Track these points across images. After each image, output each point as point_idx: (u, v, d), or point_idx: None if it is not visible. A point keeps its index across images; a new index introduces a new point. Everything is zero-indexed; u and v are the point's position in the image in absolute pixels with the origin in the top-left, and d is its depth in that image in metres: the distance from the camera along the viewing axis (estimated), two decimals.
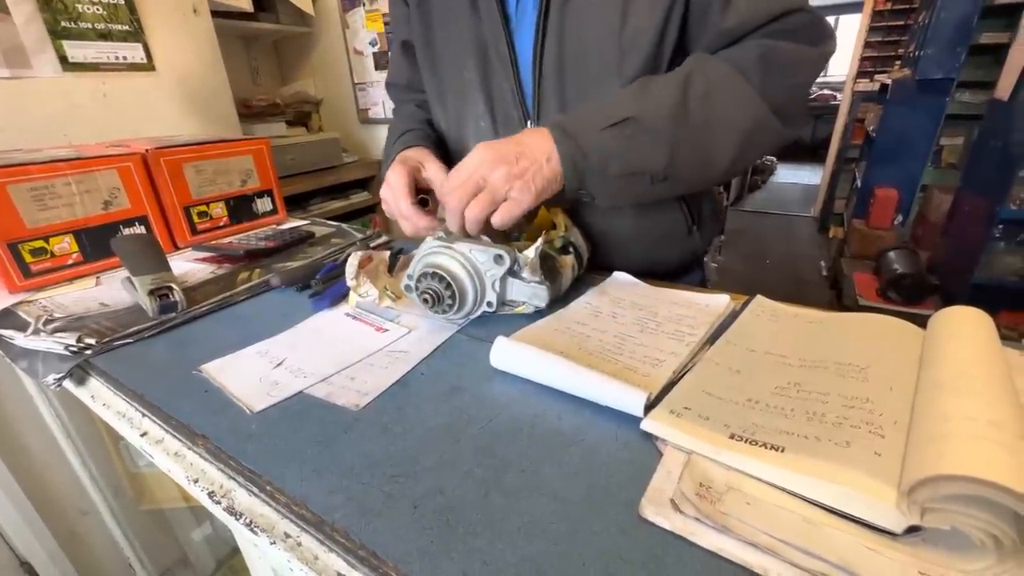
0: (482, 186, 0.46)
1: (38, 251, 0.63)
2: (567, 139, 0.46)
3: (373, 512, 0.28)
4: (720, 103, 0.48)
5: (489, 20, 0.57)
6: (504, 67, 0.58)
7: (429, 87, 0.68)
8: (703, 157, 0.49)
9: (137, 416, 0.41)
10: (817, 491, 0.26)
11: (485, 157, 0.46)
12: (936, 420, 0.25)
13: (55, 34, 0.97)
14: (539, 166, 0.46)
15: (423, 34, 0.64)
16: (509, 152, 0.46)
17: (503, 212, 0.46)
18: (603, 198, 0.50)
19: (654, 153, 0.47)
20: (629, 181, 0.48)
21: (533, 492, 0.29)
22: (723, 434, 0.30)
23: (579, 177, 0.47)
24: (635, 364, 0.39)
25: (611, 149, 0.47)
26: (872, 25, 3.48)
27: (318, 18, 1.96)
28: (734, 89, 0.48)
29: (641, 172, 0.48)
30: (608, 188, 0.49)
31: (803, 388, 0.34)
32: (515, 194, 0.45)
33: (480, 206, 0.46)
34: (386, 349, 0.45)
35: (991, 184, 1.72)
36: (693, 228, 0.65)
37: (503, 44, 0.57)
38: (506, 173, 0.45)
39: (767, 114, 0.48)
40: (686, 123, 0.47)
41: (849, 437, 0.28)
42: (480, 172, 0.46)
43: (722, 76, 0.48)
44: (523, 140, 0.47)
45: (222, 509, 0.32)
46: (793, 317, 0.45)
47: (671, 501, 0.27)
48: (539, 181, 0.46)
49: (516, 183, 0.45)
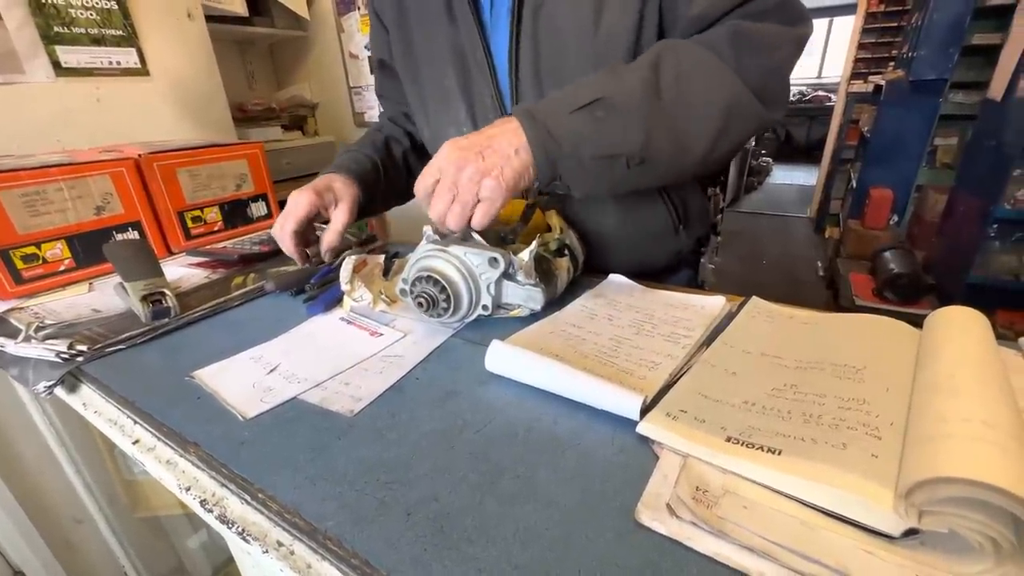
0: (455, 191, 0.44)
1: (30, 257, 0.63)
2: (536, 125, 0.44)
3: (366, 520, 0.27)
4: (694, 80, 0.46)
5: (465, 28, 0.57)
6: (482, 73, 0.59)
7: (411, 97, 0.69)
8: (680, 137, 0.47)
9: (129, 423, 0.40)
10: (814, 494, 0.25)
11: (450, 157, 0.44)
12: (932, 421, 0.25)
13: (48, 39, 0.97)
14: (507, 158, 0.44)
15: (404, 47, 0.65)
16: (475, 148, 0.44)
17: (479, 216, 0.44)
18: (578, 187, 0.48)
19: (628, 133, 0.45)
20: (604, 166, 0.46)
21: (528, 498, 0.28)
22: (719, 437, 0.30)
23: (551, 164, 0.45)
24: (631, 367, 0.39)
25: (582, 132, 0.44)
26: (865, 27, 3.51)
27: (313, 22, 1.96)
28: (707, 66, 0.46)
29: (616, 155, 0.45)
30: (583, 175, 0.47)
31: (799, 390, 0.33)
32: (486, 193, 0.43)
33: (456, 217, 0.44)
34: (381, 354, 0.45)
35: (986, 184, 1.73)
36: (680, 227, 0.65)
37: (480, 51, 0.58)
38: (473, 171, 0.43)
39: (745, 92, 0.46)
40: (659, 102, 0.45)
41: (846, 439, 0.28)
42: (448, 174, 0.44)
43: (694, 55, 0.47)
44: (491, 133, 0.45)
45: (214, 517, 0.32)
46: (789, 318, 0.45)
47: (667, 506, 0.26)
48: (509, 174, 0.44)
49: (485, 181, 0.43)
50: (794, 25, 0.48)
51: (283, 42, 2.04)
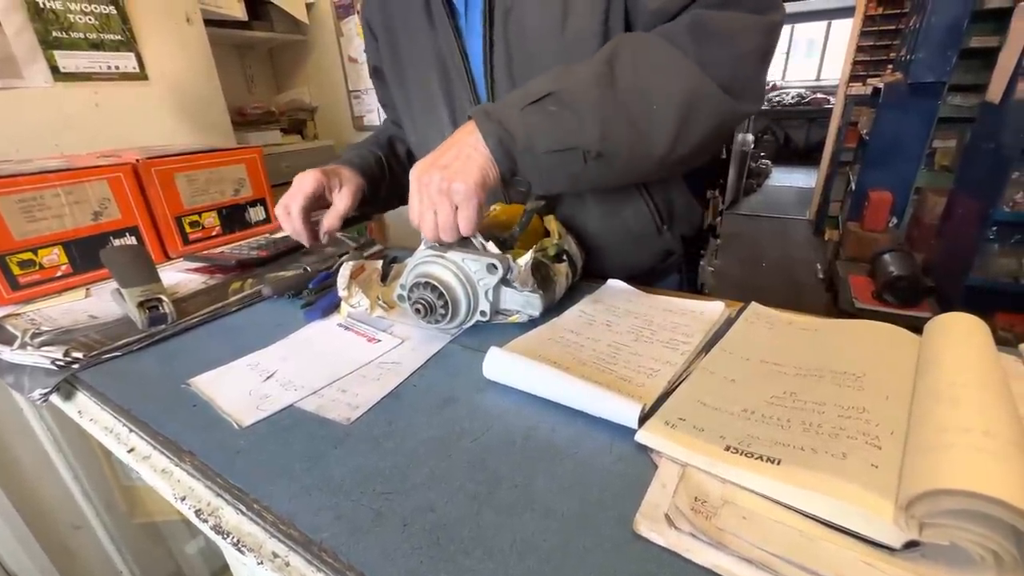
0: (432, 206, 0.45)
1: (26, 263, 0.63)
2: (489, 122, 0.45)
3: (362, 531, 0.27)
4: (650, 71, 0.45)
5: (443, 33, 0.58)
6: (460, 78, 0.59)
7: (400, 104, 0.70)
8: (638, 129, 0.45)
9: (124, 431, 0.40)
10: (814, 504, 0.25)
11: (420, 178, 0.45)
12: (932, 431, 0.25)
13: (46, 44, 0.97)
14: (467, 158, 0.45)
15: (392, 56, 0.66)
16: (435, 160, 0.45)
17: (462, 222, 0.45)
18: (538, 182, 0.48)
19: (581, 126, 0.44)
20: (561, 160, 0.45)
21: (526, 508, 0.28)
22: (719, 446, 0.30)
23: (508, 157, 0.45)
24: (629, 374, 0.39)
25: (535, 126, 0.44)
26: (864, 29, 3.52)
27: (312, 26, 1.96)
28: (663, 56, 0.45)
29: (570, 147, 0.45)
30: (540, 169, 0.46)
31: (799, 397, 0.33)
32: (459, 198, 0.44)
33: (445, 229, 0.45)
34: (378, 360, 0.45)
35: (984, 186, 1.73)
36: (663, 227, 0.64)
37: (457, 56, 0.58)
38: (440, 181, 0.44)
39: (706, 83, 0.45)
40: (613, 94, 0.44)
41: (846, 448, 0.28)
42: (423, 194, 0.45)
43: (650, 46, 0.46)
44: (450, 141, 0.47)
45: (209, 528, 0.32)
46: (788, 324, 0.44)
47: (666, 516, 0.26)
48: (473, 172, 0.44)
49: (453, 185, 0.44)
50: (762, 13, 0.46)
51: (282, 46, 2.04)
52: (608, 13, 0.50)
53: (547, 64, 0.50)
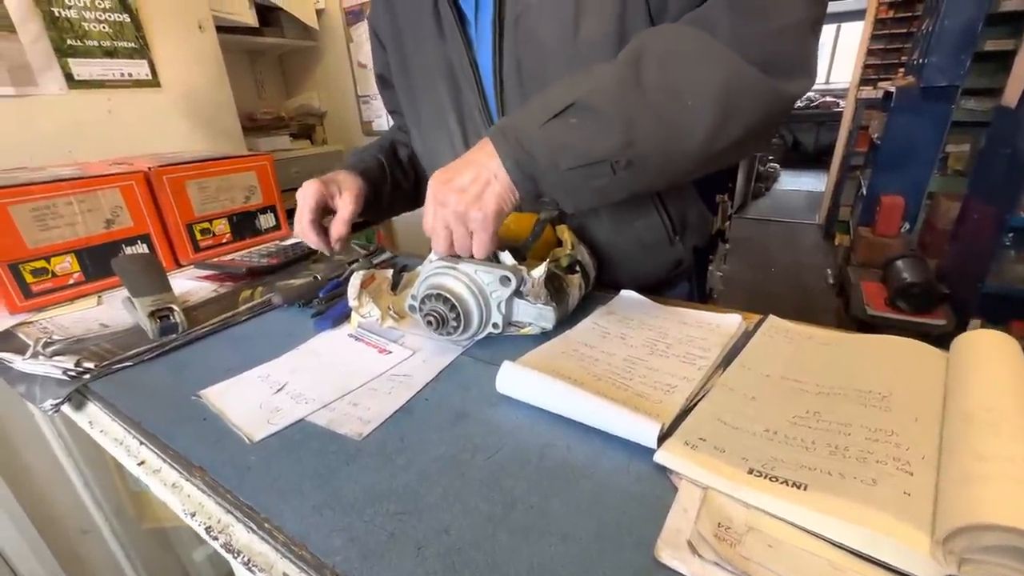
0: (448, 226, 0.45)
1: (39, 271, 0.63)
2: (507, 143, 0.43)
3: (376, 554, 0.27)
4: (679, 65, 0.41)
5: (453, 42, 0.57)
6: (470, 87, 0.59)
7: (407, 113, 0.69)
8: (671, 130, 0.42)
9: (135, 444, 0.40)
10: (843, 534, 0.24)
11: (437, 195, 0.45)
12: (970, 459, 0.24)
13: (61, 52, 0.98)
14: (487, 185, 0.43)
15: (400, 63, 0.65)
16: (454, 182, 0.44)
17: (476, 248, 0.45)
18: (566, 201, 0.45)
19: (606, 135, 0.41)
20: (587, 175, 0.42)
21: (542, 531, 0.27)
22: (741, 468, 0.29)
23: (530, 180, 0.43)
24: (646, 390, 0.38)
25: (557, 142, 0.41)
26: (875, 33, 3.49)
27: (322, 32, 1.97)
28: (692, 47, 0.42)
29: (597, 160, 0.42)
30: (567, 188, 0.44)
31: (823, 418, 0.32)
32: (475, 226, 0.44)
33: (460, 248, 0.46)
34: (389, 373, 0.44)
35: (1000, 192, 1.70)
36: (675, 238, 0.63)
37: (466, 64, 0.57)
38: (457, 205, 0.43)
39: (745, 68, 0.41)
40: (641, 95, 0.41)
41: (875, 474, 0.27)
42: (439, 213, 0.45)
43: (678, 36, 0.43)
44: (469, 161, 0.45)
45: (220, 545, 0.31)
46: (808, 339, 0.43)
47: (688, 543, 0.25)
48: (491, 202, 0.43)
49: (470, 213, 0.43)
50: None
51: (292, 52, 2.05)
52: (624, 18, 0.48)
53: (559, 72, 0.49)
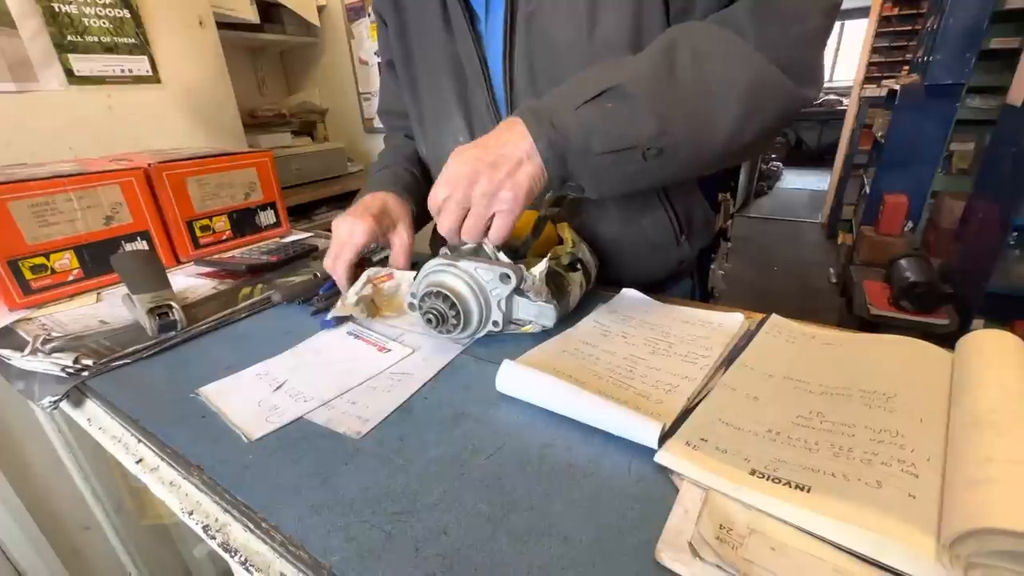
0: (466, 205, 0.43)
1: (38, 268, 0.63)
2: (540, 124, 0.42)
3: (373, 555, 0.26)
4: (711, 62, 0.42)
5: (461, 39, 0.57)
6: (479, 83, 0.58)
7: (410, 108, 0.68)
8: (700, 122, 0.43)
9: (132, 442, 0.40)
10: (848, 537, 0.24)
11: (461, 169, 0.43)
12: (976, 461, 0.23)
13: (61, 48, 0.97)
14: (519, 165, 0.42)
15: (403, 57, 0.64)
16: (484, 159, 0.42)
17: (496, 230, 0.44)
18: (592, 186, 0.45)
19: (641, 120, 0.41)
20: (618, 160, 0.42)
21: (543, 533, 0.27)
22: (743, 469, 0.28)
23: (561, 161, 0.43)
24: (647, 390, 0.38)
25: (592, 125, 0.42)
26: (879, 31, 3.47)
27: (323, 28, 1.97)
28: (726, 46, 0.43)
29: (630, 146, 0.42)
30: (596, 172, 0.44)
31: (826, 418, 0.32)
32: (503, 206, 0.43)
33: (472, 232, 0.44)
34: (389, 371, 0.44)
35: (1005, 190, 1.69)
36: (681, 237, 0.63)
37: (475, 61, 0.57)
38: (486, 185, 0.42)
39: (770, 69, 0.43)
40: (674, 85, 0.42)
41: (880, 476, 0.26)
42: (460, 188, 0.43)
43: (710, 34, 0.44)
44: (499, 139, 0.43)
45: (217, 544, 0.31)
46: (811, 339, 0.43)
47: (689, 545, 0.25)
48: (523, 182, 0.42)
49: (500, 193, 0.42)
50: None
51: (294, 48, 2.05)
52: (639, 17, 0.49)
53: (572, 71, 0.48)
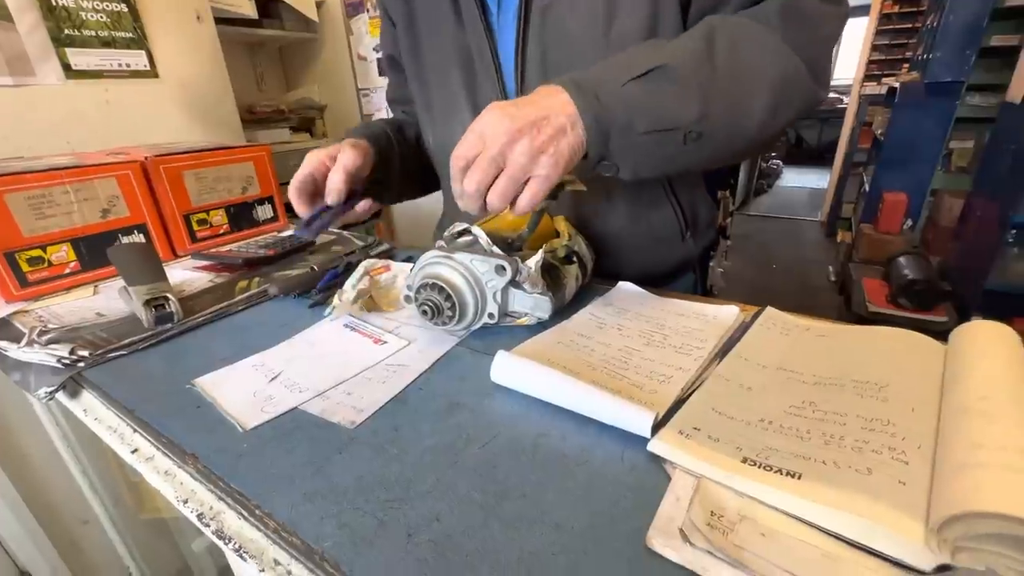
0: (501, 164, 0.40)
1: (35, 260, 0.63)
2: (586, 96, 0.40)
3: (366, 541, 0.26)
4: (747, 51, 0.44)
5: (472, 29, 0.56)
6: (488, 76, 0.58)
7: (417, 98, 0.68)
8: (736, 109, 0.44)
9: (128, 432, 0.40)
10: (837, 523, 0.24)
11: (501, 126, 0.39)
12: (965, 448, 0.24)
13: (58, 42, 0.97)
14: (563, 132, 0.40)
15: (411, 47, 0.64)
16: (528, 118, 0.39)
17: (528, 196, 0.40)
18: (628, 165, 0.44)
19: (685, 103, 0.41)
20: (658, 140, 0.42)
21: (534, 520, 0.27)
22: (735, 457, 0.29)
23: (603, 137, 0.41)
24: (641, 380, 0.38)
25: (637, 103, 0.41)
26: (879, 28, 3.47)
27: (322, 24, 1.96)
28: (760, 38, 0.45)
29: (672, 127, 0.42)
30: (635, 151, 0.43)
31: (819, 408, 0.32)
32: (542, 171, 0.39)
33: (502, 195, 0.40)
34: (384, 362, 0.44)
35: (1004, 188, 1.69)
36: (687, 234, 0.63)
37: (487, 52, 0.57)
38: (528, 148, 0.39)
39: (798, 63, 0.45)
40: (714, 71, 0.42)
41: (871, 463, 0.26)
42: (496, 144, 0.39)
43: (745, 27, 0.45)
44: (541, 102, 0.40)
45: (211, 532, 0.31)
46: (805, 330, 0.43)
47: (680, 531, 0.25)
48: (566, 151, 0.40)
49: (541, 158, 0.39)
50: (837, 4, 0.48)
51: (292, 44, 2.04)
52: (656, 17, 0.49)
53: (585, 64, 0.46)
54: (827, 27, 0.47)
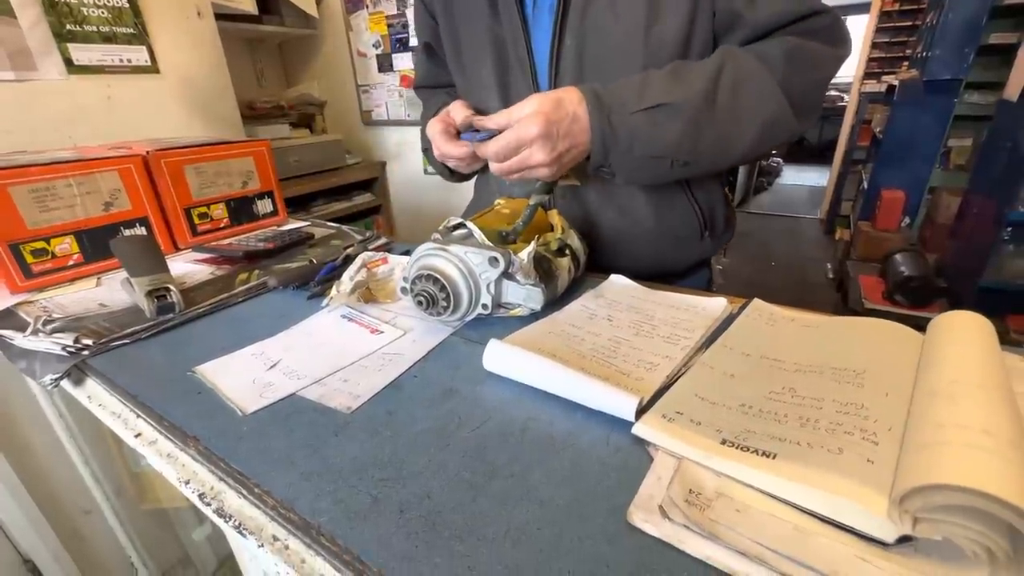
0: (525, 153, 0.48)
1: (39, 252, 0.64)
2: (600, 115, 0.47)
3: (360, 516, 0.28)
4: (746, 94, 0.49)
5: (508, 21, 0.57)
6: (522, 69, 0.59)
7: (459, 83, 0.69)
8: (723, 145, 0.50)
9: (132, 417, 0.41)
10: (808, 499, 0.25)
11: (532, 127, 0.46)
12: (929, 427, 0.25)
13: (60, 37, 0.98)
14: (575, 147, 0.48)
15: (450, 36, 0.65)
16: (557, 128, 0.47)
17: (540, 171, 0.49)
18: (624, 175, 0.52)
19: (681, 140, 0.48)
20: (651, 163, 0.50)
21: (521, 497, 0.28)
22: (714, 439, 0.30)
23: (605, 152, 0.49)
24: (629, 368, 0.39)
25: (640, 132, 0.48)
26: (879, 26, 3.46)
27: (322, 20, 1.97)
28: (760, 82, 0.49)
29: (664, 156, 0.49)
30: (630, 166, 0.51)
31: (797, 393, 0.33)
32: (544, 172, 0.48)
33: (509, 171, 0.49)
34: (380, 351, 0.45)
35: (1000, 186, 1.70)
36: (705, 233, 0.65)
37: (522, 46, 0.57)
38: (546, 155, 0.47)
39: (786, 108, 0.50)
40: (713, 112, 0.48)
41: (842, 444, 0.27)
42: (528, 136, 0.46)
43: (751, 69, 0.49)
44: (570, 112, 0.47)
45: (212, 511, 0.32)
46: (790, 321, 0.44)
47: (659, 507, 0.26)
48: (569, 162, 0.49)
49: (540, 172, 0.48)
50: (838, 46, 0.51)
51: (292, 40, 2.05)
52: (694, 22, 0.52)
53: (621, 66, 0.53)
54: (825, 70, 0.51)
